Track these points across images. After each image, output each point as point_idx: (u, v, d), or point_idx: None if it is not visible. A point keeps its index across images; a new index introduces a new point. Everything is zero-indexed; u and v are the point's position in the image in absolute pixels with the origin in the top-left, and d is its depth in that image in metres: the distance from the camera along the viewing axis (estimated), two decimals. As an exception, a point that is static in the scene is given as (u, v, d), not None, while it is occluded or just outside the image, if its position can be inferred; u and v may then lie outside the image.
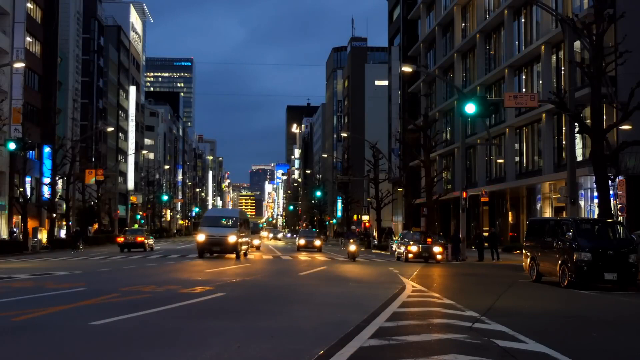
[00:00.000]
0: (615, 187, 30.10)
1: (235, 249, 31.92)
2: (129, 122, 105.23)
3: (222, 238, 31.82)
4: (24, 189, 49.27)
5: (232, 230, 32.38)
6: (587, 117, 29.78)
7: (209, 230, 32.62)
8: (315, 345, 8.61)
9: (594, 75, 25.04)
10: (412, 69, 48.84)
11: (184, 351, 8.21)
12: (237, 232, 32.25)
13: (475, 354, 8.21)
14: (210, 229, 32.66)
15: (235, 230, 32.39)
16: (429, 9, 70.87)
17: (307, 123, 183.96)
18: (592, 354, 9.03)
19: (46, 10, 62.37)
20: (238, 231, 32.45)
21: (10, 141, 39.47)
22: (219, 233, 32.12)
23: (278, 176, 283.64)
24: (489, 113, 28.37)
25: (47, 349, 8.38)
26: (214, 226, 32.94)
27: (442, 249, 34.29)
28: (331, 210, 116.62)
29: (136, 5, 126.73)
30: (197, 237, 33.66)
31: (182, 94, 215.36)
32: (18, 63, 45.32)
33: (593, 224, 21.44)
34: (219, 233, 32.14)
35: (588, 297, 17.05)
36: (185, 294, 14.78)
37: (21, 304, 12.61)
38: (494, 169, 53.45)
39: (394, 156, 76.86)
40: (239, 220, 34.08)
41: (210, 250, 32.44)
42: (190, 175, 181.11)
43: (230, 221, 33.67)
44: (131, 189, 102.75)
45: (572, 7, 39.90)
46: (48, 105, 62.01)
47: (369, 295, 15.82)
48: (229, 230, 32.32)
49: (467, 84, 57.53)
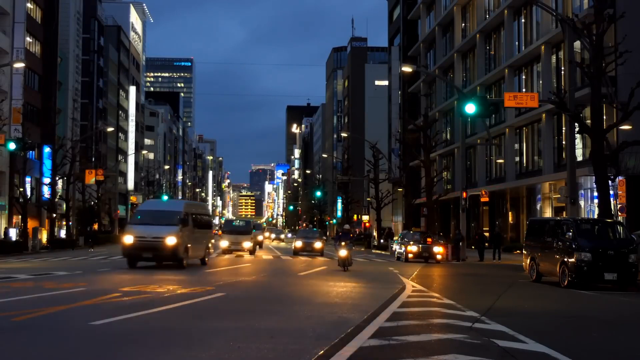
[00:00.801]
0: (615, 187, 30.11)
1: (176, 255, 23.92)
2: (129, 122, 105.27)
3: (156, 240, 23.69)
4: (24, 189, 49.26)
5: (172, 229, 23.96)
6: (587, 117, 29.78)
7: (139, 229, 24.37)
8: (315, 345, 8.61)
9: (594, 75, 25.04)
10: (412, 69, 48.86)
11: (184, 351, 8.21)
12: (178, 232, 23.96)
13: (475, 354, 8.21)
14: (140, 228, 24.43)
15: (175, 229, 24.01)
16: (429, 9, 70.88)
17: (307, 123, 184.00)
18: (592, 354, 9.03)
19: (46, 10, 62.38)
20: (180, 230, 24.15)
21: (10, 141, 39.43)
22: (152, 233, 23.89)
23: (278, 176, 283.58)
24: (489, 113, 28.36)
25: (47, 349, 8.38)
26: (147, 224, 24.48)
27: (443, 249, 34.29)
28: (331, 210, 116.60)
29: (136, 5, 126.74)
30: (124, 239, 24.82)
31: (182, 94, 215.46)
32: (18, 63, 45.32)
33: (593, 224, 21.45)
34: (152, 233, 23.88)
35: (588, 297, 17.05)
36: (186, 294, 14.79)
37: (21, 304, 12.61)
38: (494, 169, 53.46)
39: (394, 156, 76.87)
40: (185, 215, 25.20)
41: (140, 256, 24.20)
42: (190, 175, 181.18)
43: (171, 217, 24.78)
44: (131, 189, 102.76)
45: (572, 7, 39.91)
46: (48, 105, 62.03)
47: (369, 295, 15.82)
48: (167, 230, 23.92)
49: (467, 84, 57.54)
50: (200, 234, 26.81)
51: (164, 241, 23.65)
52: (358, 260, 35.74)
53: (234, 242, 39.35)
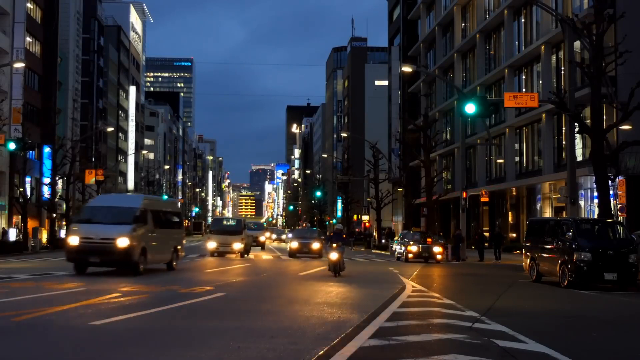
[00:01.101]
0: (615, 187, 30.12)
1: (129, 259, 20.42)
2: (129, 122, 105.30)
3: (105, 242, 20.31)
4: (24, 189, 49.28)
5: (124, 228, 20.53)
6: (587, 117, 29.77)
7: (86, 229, 20.96)
8: (315, 345, 8.62)
9: (594, 75, 25.04)
10: (412, 69, 48.86)
11: (185, 351, 8.21)
12: (132, 232, 20.51)
13: (475, 354, 8.21)
14: (87, 227, 21.04)
15: (127, 228, 20.55)
16: (429, 9, 70.88)
17: (307, 123, 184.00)
18: (592, 354, 9.03)
19: (46, 10, 62.38)
20: (135, 230, 20.74)
21: (10, 141, 39.43)
22: (101, 234, 20.51)
23: (278, 176, 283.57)
24: (489, 113, 28.37)
25: (47, 349, 8.38)
26: (97, 222, 21.16)
27: (442, 249, 34.29)
28: (331, 210, 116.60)
29: (136, 5, 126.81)
30: (68, 240, 21.38)
31: (182, 94, 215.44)
32: (18, 63, 45.34)
33: (593, 224, 21.46)
34: (100, 234, 20.51)
35: (588, 297, 17.05)
36: (185, 294, 14.79)
37: (21, 304, 12.61)
38: (494, 169, 53.46)
39: (394, 156, 76.87)
40: (142, 211, 21.58)
41: (87, 261, 20.74)
42: (190, 175, 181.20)
43: (125, 214, 21.18)
44: (131, 189, 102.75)
45: (572, 7, 39.91)
46: (48, 105, 62.03)
47: (368, 295, 15.82)
48: (118, 229, 20.51)
49: (467, 84, 57.54)
50: (165, 234, 23.32)
51: (114, 243, 20.13)
52: (358, 260, 35.75)
53: (223, 243, 35.82)
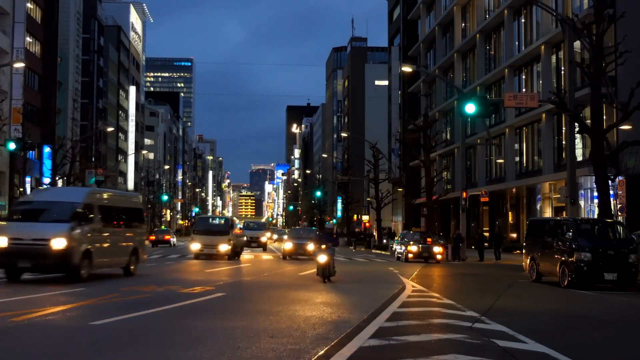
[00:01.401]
0: (615, 187, 30.11)
1: (67, 263, 17.24)
2: (129, 122, 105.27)
3: (37, 244, 17.13)
4: (24, 189, 49.29)
5: (61, 227, 17.36)
6: (587, 117, 29.77)
7: (16, 228, 17.84)
8: (315, 345, 8.62)
9: (594, 75, 25.04)
10: (412, 69, 48.86)
11: (185, 351, 8.22)
12: (70, 232, 17.33)
13: (475, 354, 8.21)
14: (17, 227, 17.95)
15: (65, 227, 17.34)
16: (429, 9, 70.88)
17: (307, 123, 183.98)
18: (592, 354, 9.03)
19: (46, 10, 62.36)
20: (74, 228, 17.52)
21: (10, 141, 39.42)
22: (33, 234, 17.40)
23: (278, 176, 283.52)
24: (489, 113, 28.37)
25: (47, 349, 8.38)
26: (28, 220, 18.33)
27: (442, 249, 34.28)
28: (331, 210, 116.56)
29: (136, 5, 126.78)
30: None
31: (182, 94, 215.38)
32: (18, 63, 45.32)
33: (593, 224, 21.46)
34: (32, 234, 17.40)
35: (588, 297, 17.05)
36: (185, 294, 14.79)
37: (21, 304, 12.61)
38: (494, 169, 53.46)
39: (394, 156, 76.85)
40: (85, 207, 18.42)
41: (16, 265, 17.49)
42: (190, 175, 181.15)
43: (63, 210, 18.02)
44: (131, 189, 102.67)
45: (572, 7, 39.90)
46: (48, 105, 62.01)
47: (368, 295, 15.81)
48: (54, 229, 17.39)
49: (467, 84, 57.53)
50: (119, 234, 20.22)
51: (48, 244, 16.99)
52: (358, 260, 35.74)
53: (208, 245, 32.04)
